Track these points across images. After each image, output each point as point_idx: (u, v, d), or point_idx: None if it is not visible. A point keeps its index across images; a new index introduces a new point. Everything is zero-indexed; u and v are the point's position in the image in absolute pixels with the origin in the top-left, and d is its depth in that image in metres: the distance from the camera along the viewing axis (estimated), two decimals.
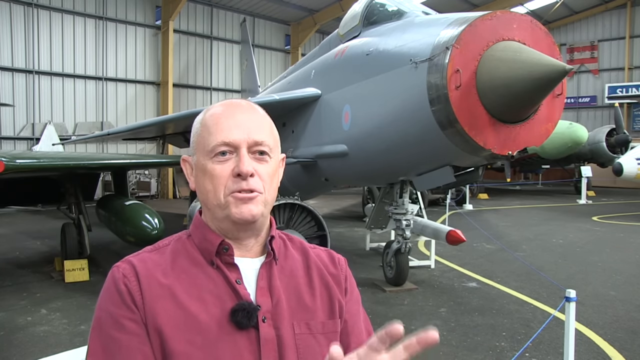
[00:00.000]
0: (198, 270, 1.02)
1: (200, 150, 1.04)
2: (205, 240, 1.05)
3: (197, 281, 1.01)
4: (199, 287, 1.00)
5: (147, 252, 1.06)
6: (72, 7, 17.60)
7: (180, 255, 1.05)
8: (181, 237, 1.09)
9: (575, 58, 27.50)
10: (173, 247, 1.06)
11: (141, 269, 1.01)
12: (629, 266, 7.94)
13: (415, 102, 4.52)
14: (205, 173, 1.03)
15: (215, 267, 1.02)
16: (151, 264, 1.02)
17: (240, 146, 1.02)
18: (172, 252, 1.05)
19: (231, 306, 0.98)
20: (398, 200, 6.49)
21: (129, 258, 1.04)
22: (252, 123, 1.05)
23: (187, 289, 0.99)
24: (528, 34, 4.16)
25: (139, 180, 19.37)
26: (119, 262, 1.04)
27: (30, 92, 16.79)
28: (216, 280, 1.01)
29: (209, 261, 1.03)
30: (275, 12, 23.01)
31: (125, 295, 0.97)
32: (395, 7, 5.91)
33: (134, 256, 1.04)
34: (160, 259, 1.04)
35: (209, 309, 0.98)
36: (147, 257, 1.04)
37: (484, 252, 9.03)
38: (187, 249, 1.06)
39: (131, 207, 7.00)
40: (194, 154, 1.07)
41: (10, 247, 9.49)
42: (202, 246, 1.05)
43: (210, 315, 0.97)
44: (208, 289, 1.00)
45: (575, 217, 13.71)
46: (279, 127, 7.20)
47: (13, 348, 4.65)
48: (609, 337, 4.87)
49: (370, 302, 6.10)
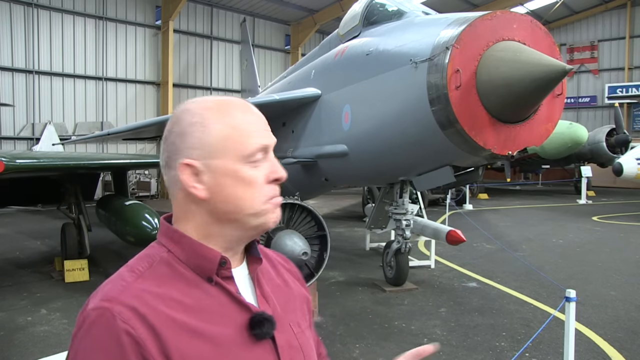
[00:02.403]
0: (198, 290, 0.91)
1: (231, 154, 0.94)
2: (198, 256, 0.93)
3: (202, 303, 0.91)
4: (207, 310, 0.90)
5: (132, 281, 0.88)
6: (72, 7, 17.60)
7: (171, 277, 0.91)
8: (159, 254, 0.94)
9: (575, 58, 27.49)
10: (159, 269, 0.91)
11: (143, 307, 0.84)
12: (629, 266, 7.94)
13: (415, 102, 4.52)
14: (239, 179, 0.94)
15: (214, 284, 0.93)
16: (149, 296, 0.86)
17: (270, 149, 0.98)
18: (162, 275, 0.91)
19: (242, 321, 0.93)
20: (398, 200, 6.49)
21: (115, 296, 0.85)
22: (267, 125, 1.03)
23: (196, 315, 0.88)
24: (528, 34, 4.16)
25: (139, 180, 19.37)
26: (100, 303, 0.84)
27: (30, 92, 16.79)
28: (219, 298, 0.93)
29: (206, 278, 0.93)
30: (275, 12, 23.00)
31: (132, 351, 0.81)
32: (395, 7, 5.91)
33: (121, 291, 0.86)
34: (153, 287, 0.88)
35: (224, 331, 0.90)
36: (137, 288, 0.87)
37: (484, 252, 9.03)
38: (176, 268, 0.92)
39: (131, 207, 7.00)
40: (210, 157, 0.93)
41: (10, 247, 9.49)
42: (193, 262, 0.93)
43: (227, 336, 0.90)
44: (215, 309, 0.91)
45: (575, 217, 13.71)
46: (279, 127, 7.19)
47: (13, 348, 4.65)
48: (609, 337, 4.87)
49: (370, 302, 6.10)
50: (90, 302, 0.87)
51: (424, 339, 4.90)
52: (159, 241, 0.97)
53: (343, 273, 7.50)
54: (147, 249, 0.96)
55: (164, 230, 0.98)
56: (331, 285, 6.87)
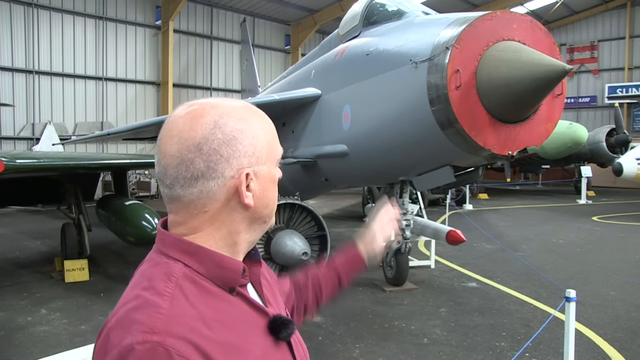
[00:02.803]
0: (225, 303, 0.88)
1: (272, 159, 0.95)
2: (221, 267, 0.89)
3: (232, 316, 0.87)
4: (237, 323, 0.88)
5: (169, 307, 0.80)
6: (72, 7, 17.61)
7: (200, 295, 0.85)
8: (179, 271, 0.87)
9: (575, 58, 27.50)
10: (185, 288, 0.85)
11: (192, 335, 0.78)
12: (629, 266, 7.94)
13: (415, 102, 4.52)
14: (275, 182, 0.97)
15: (235, 294, 0.90)
16: (192, 321, 0.80)
17: None
18: (191, 294, 0.84)
19: (262, 326, 0.92)
20: (398, 200, 6.49)
21: (162, 327, 0.77)
22: None
23: (232, 331, 0.85)
24: (528, 34, 4.16)
25: (139, 180, 19.37)
26: (145, 337, 0.75)
27: (30, 92, 16.79)
28: (240, 307, 0.90)
29: (228, 289, 0.89)
30: (275, 12, 23.01)
31: None
32: (395, 7, 5.91)
33: (165, 321, 0.78)
34: (189, 309, 0.82)
35: (255, 340, 0.89)
36: (178, 314, 0.80)
37: (484, 252, 9.03)
38: (200, 283, 0.87)
39: (131, 207, 7.00)
40: (258, 163, 0.91)
41: (10, 247, 9.49)
42: (215, 274, 0.88)
43: (259, 345, 0.90)
44: (241, 319, 0.89)
45: (575, 217, 13.71)
46: (279, 127, 7.18)
47: (13, 348, 4.65)
48: (609, 337, 4.87)
49: (370, 302, 6.10)
50: (127, 337, 0.76)
51: (424, 339, 4.90)
52: (167, 255, 0.89)
53: None
54: (159, 267, 0.88)
55: (174, 242, 0.90)
56: None
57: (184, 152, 0.87)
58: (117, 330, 0.79)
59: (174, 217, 0.93)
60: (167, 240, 0.91)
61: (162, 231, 0.93)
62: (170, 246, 0.90)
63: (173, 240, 0.90)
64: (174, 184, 0.89)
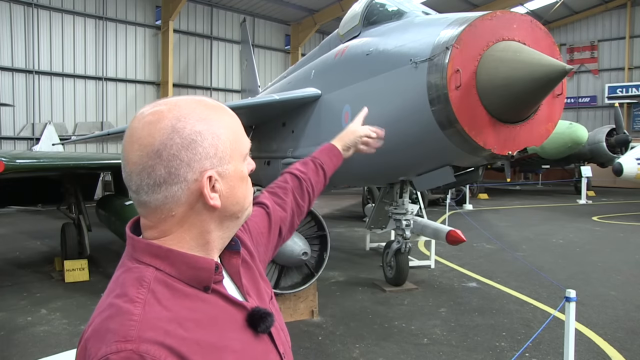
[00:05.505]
0: (200, 303, 0.88)
1: (238, 156, 0.94)
2: (193, 268, 0.89)
3: (209, 314, 0.88)
4: (214, 320, 0.88)
5: (141, 312, 0.80)
6: (72, 7, 17.60)
7: (174, 297, 0.85)
8: (150, 275, 0.86)
9: (575, 58, 27.49)
10: (158, 292, 0.84)
11: (167, 338, 0.79)
12: (629, 266, 7.94)
13: (415, 102, 4.52)
14: (243, 179, 0.96)
15: (211, 292, 0.90)
16: (166, 324, 0.81)
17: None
18: (165, 298, 0.84)
19: (241, 320, 0.93)
20: (398, 200, 6.49)
21: (134, 333, 0.77)
22: None
23: (210, 329, 0.86)
24: (528, 34, 4.16)
25: None
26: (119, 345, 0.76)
27: (30, 92, 16.78)
28: (216, 303, 0.91)
29: (202, 288, 0.89)
30: (275, 12, 23.00)
31: None
32: (395, 7, 5.91)
33: (137, 327, 0.78)
34: (163, 312, 0.82)
35: (234, 335, 0.90)
36: (151, 319, 0.80)
37: (484, 252, 9.03)
38: (172, 285, 0.87)
39: (131, 207, 6.98)
40: (222, 163, 0.90)
41: (10, 247, 9.49)
42: (187, 275, 0.88)
43: (238, 339, 0.90)
44: (219, 316, 0.89)
45: (575, 217, 13.71)
46: (279, 127, 7.17)
47: (13, 348, 4.65)
48: (609, 337, 4.87)
49: (370, 302, 6.10)
50: (102, 347, 0.77)
51: (424, 339, 4.90)
52: (139, 260, 0.89)
53: (343, 273, 7.50)
54: (131, 272, 0.87)
55: (145, 247, 0.90)
56: (331, 285, 6.87)
57: (144, 159, 0.86)
58: (93, 340, 0.80)
59: (144, 221, 0.94)
60: (137, 246, 0.91)
61: (132, 236, 0.94)
62: (141, 251, 0.90)
63: (143, 245, 0.90)
64: (139, 190, 0.89)
